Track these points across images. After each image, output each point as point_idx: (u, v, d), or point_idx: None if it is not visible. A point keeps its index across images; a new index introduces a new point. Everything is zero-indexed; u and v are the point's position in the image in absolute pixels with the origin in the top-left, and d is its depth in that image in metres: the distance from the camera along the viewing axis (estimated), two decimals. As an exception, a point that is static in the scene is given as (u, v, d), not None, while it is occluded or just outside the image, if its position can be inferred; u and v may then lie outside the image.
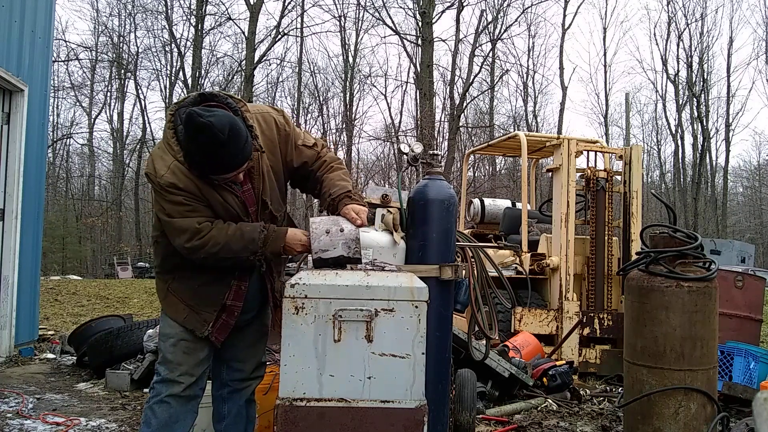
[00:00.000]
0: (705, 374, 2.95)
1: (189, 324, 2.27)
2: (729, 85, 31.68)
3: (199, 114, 1.94)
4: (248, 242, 2.13)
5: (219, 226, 2.13)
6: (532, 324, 5.46)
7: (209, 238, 2.10)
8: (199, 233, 2.10)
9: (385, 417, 1.89)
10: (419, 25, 22.41)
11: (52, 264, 25.03)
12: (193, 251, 2.12)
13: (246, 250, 2.13)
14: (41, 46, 6.19)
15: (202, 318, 2.26)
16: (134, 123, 32.25)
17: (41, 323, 7.00)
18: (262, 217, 2.27)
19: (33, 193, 6.02)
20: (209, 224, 2.13)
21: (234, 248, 2.12)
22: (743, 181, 41.60)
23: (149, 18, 28.52)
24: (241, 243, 2.12)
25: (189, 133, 1.99)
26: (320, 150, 2.39)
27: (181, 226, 2.11)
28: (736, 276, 5.29)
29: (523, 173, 6.76)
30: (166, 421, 2.27)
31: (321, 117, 29.73)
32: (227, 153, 2.00)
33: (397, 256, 2.45)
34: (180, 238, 2.12)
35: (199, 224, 2.10)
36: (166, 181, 2.07)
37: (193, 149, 2.02)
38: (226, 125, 1.96)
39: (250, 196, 2.23)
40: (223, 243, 2.11)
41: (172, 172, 2.08)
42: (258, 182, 2.22)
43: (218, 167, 2.05)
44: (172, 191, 2.08)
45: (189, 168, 2.08)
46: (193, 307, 2.27)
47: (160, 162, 2.11)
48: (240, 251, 2.13)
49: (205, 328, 2.26)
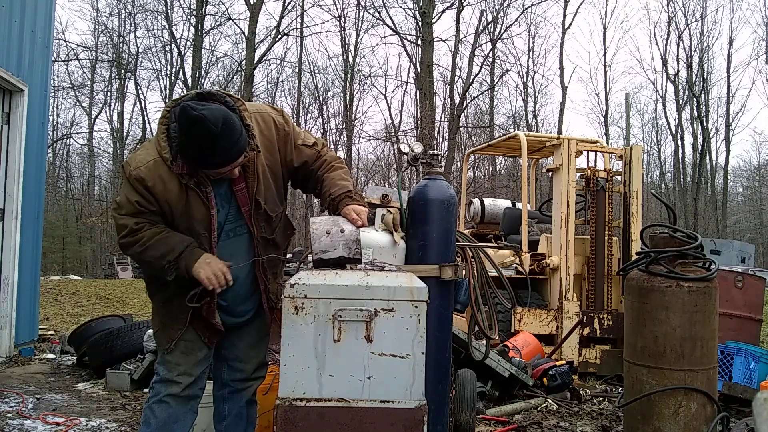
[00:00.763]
0: (705, 374, 2.95)
1: (157, 339, 2.31)
2: (729, 85, 31.73)
3: (192, 107, 1.93)
4: (168, 250, 2.11)
5: (153, 229, 2.14)
6: (532, 324, 5.46)
7: (140, 238, 2.12)
8: (133, 231, 2.12)
9: (385, 417, 1.89)
10: (419, 25, 22.42)
11: (52, 264, 25.01)
12: (125, 247, 2.17)
13: (163, 257, 2.12)
14: (41, 46, 6.19)
15: (167, 334, 2.27)
16: (134, 123, 32.26)
17: (41, 323, 7.00)
18: (256, 217, 2.25)
19: (33, 193, 6.02)
20: (146, 225, 2.13)
21: (154, 253, 2.12)
22: (743, 181, 41.62)
23: (149, 18, 28.52)
24: (162, 249, 2.11)
25: (182, 125, 1.97)
26: (320, 149, 2.38)
27: (122, 223, 2.13)
28: (736, 276, 5.29)
29: (523, 173, 6.76)
30: (165, 420, 2.26)
31: (321, 117, 29.76)
32: (220, 146, 1.98)
33: (397, 256, 2.45)
34: (120, 232, 2.15)
35: (136, 225, 2.12)
36: (137, 174, 2.08)
37: (186, 142, 2.00)
38: (220, 118, 1.95)
39: (243, 196, 2.21)
40: (149, 245, 2.11)
41: (148, 167, 2.09)
42: (252, 182, 2.20)
43: (211, 161, 2.03)
44: (135, 186, 2.09)
45: (184, 162, 2.06)
46: (164, 322, 2.29)
47: (142, 154, 2.13)
48: (159, 257, 2.12)
49: (169, 344, 2.26)
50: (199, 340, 2.29)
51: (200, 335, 2.28)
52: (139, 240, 2.12)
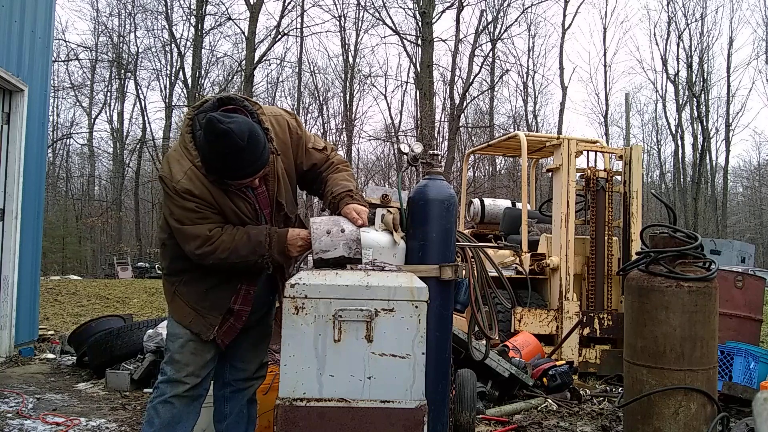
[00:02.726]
0: (705, 374, 2.95)
1: (195, 328, 2.27)
2: (729, 85, 31.74)
3: (219, 120, 1.95)
4: (255, 245, 2.13)
5: (228, 232, 2.14)
6: (532, 324, 5.46)
7: (219, 244, 2.11)
8: (209, 240, 2.11)
9: (385, 417, 1.89)
10: (419, 25, 22.43)
11: (52, 264, 25.01)
12: (204, 257, 2.13)
13: (254, 253, 2.13)
14: (41, 46, 6.19)
15: (208, 322, 2.26)
16: (134, 123, 32.29)
17: (41, 323, 6.99)
18: (277, 218, 2.28)
19: (33, 193, 6.02)
20: (219, 230, 2.14)
21: (242, 252, 2.13)
22: (743, 181, 41.64)
23: (149, 18, 28.56)
24: (248, 247, 2.13)
25: (209, 138, 1.99)
26: (330, 153, 2.41)
27: (192, 233, 2.12)
28: (736, 276, 5.29)
29: (523, 173, 6.76)
30: (169, 421, 2.27)
31: (321, 117, 29.75)
32: (246, 159, 2.01)
33: (397, 256, 2.45)
34: (191, 244, 2.12)
35: (209, 231, 2.12)
36: (182, 186, 2.08)
37: (212, 155, 2.02)
38: (246, 132, 1.97)
39: (265, 199, 2.24)
40: (232, 248, 2.12)
41: (188, 178, 2.09)
42: (273, 184, 2.23)
43: (236, 173, 2.05)
44: (186, 197, 2.09)
45: (206, 173, 2.09)
46: (199, 311, 2.27)
47: (176, 166, 2.11)
48: (248, 255, 2.13)
49: (210, 332, 2.26)
50: (207, 342, 2.28)
51: (216, 335, 2.27)
52: (220, 246, 2.11)
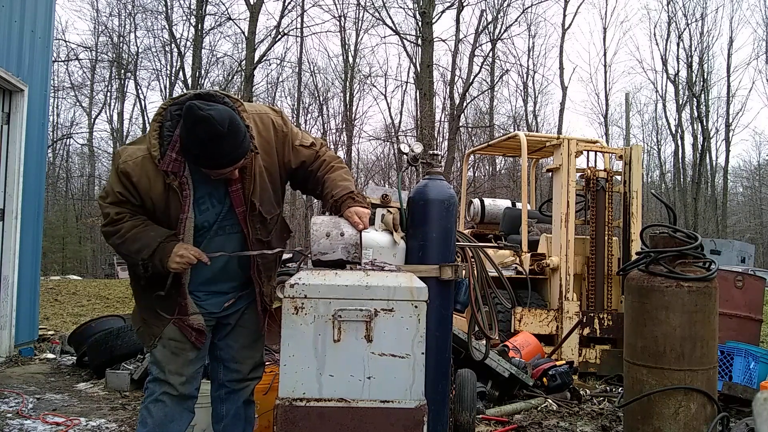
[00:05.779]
0: (705, 374, 2.95)
1: (140, 337, 2.33)
2: (729, 85, 31.67)
3: (199, 107, 1.93)
4: (143, 245, 2.12)
5: (133, 222, 2.15)
6: (532, 324, 5.46)
7: (119, 229, 2.15)
8: (113, 221, 2.15)
9: (385, 417, 1.89)
10: (419, 25, 22.39)
11: (52, 264, 25.01)
12: (106, 236, 2.20)
13: (139, 252, 2.13)
14: (41, 46, 6.19)
15: (150, 332, 2.28)
16: (134, 123, 32.18)
17: (41, 323, 7.00)
18: (251, 218, 2.24)
19: (33, 193, 6.02)
20: (128, 216, 2.15)
21: (131, 247, 2.14)
22: (743, 181, 41.59)
23: (149, 18, 28.48)
24: (137, 244, 2.13)
25: (188, 125, 1.97)
26: (319, 149, 2.37)
27: (106, 211, 2.17)
28: (736, 276, 5.29)
29: (523, 173, 6.76)
30: (161, 420, 2.27)
31: (321, 117, 29.72)
32: (226, 147, 1.99)
33: (397, 256, 2.45)
34: (102, 219, 2.20)
35: (117, 214, 2.15)
36: (124, 168, 2.10)
37: (191, 141, 1.99)
38: (226, 119, 1.95)
39: (238, 197, 2.20)
40: (127, 238, 2.13)
41: (135, 163, 2.10)
42: (249, 183, 2.19)
43: (214, 161, 2.02)
44: (121, 178, 2.11)
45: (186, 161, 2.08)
46: (146, 319, 2.29)
47: (132, 149, 2.15)
48: (134, 253, 2.14)
49: (152, 341, 2.27)
50: (186, 341, 2.27)
51: (187, 336, 2.27)
52: (118, 231, 2.15)
